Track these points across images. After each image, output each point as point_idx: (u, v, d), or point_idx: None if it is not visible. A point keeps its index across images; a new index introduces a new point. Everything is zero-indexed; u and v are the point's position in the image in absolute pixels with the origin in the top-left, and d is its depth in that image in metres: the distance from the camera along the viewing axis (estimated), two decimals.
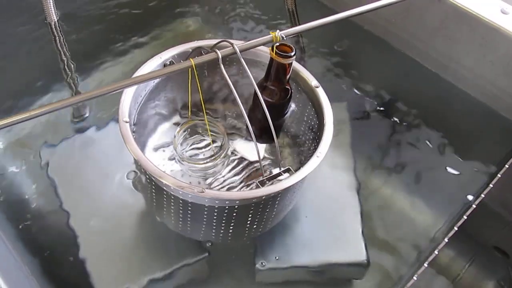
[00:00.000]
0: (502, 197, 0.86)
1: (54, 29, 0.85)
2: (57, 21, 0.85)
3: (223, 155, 0.62)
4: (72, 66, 0.84)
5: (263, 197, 0.52)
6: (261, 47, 0.60)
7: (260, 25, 0.93)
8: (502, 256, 0.90)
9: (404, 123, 0.82)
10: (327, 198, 0.71)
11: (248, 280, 0.64)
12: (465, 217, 0.65)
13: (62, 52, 0.85)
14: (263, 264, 0.63)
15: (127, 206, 0.67)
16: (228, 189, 0.64)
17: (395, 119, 0.82)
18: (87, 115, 0.76)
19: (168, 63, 0.61)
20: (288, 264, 0.64)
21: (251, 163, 0.67)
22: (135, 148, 0.52)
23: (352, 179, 0.73)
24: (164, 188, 0.53)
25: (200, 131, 0.67)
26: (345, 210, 0.70)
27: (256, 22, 0.94)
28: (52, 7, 0.83)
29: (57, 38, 0.85)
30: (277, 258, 0.64)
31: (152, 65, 0.60)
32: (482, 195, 0.68)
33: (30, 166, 0.70)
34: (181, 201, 0.54)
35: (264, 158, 0.67)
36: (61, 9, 0.87)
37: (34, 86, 0.80)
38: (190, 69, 0.50)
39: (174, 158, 0.66)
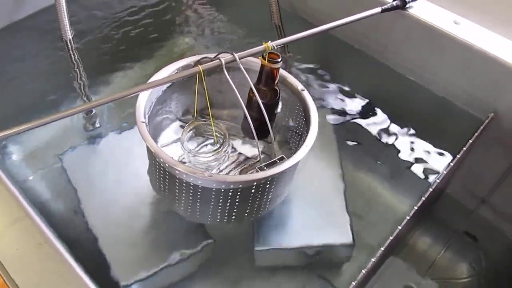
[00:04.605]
0: (466, 186, 0.94)
1: (69, 46, 0.90)
2: (72, 38, 0.90)
3: (224, 149, 0.69)
4: (85, 80, 0.89)
5: (262, 180, 0.59)
6: (252, 59, 0.68)
7: (248, 44, 1.01)
8: (472, 240, 0.98)
9: (380, 120, 0.89)
10: (316, 188, 0.78)
11: (249, 264, 0.70)
12: (423, 198, 0.70)
13: (76, 67, 0.90)
14: (262, 248, 0.69)
15: (140, 201, 0.72)
16: None
17: (373, 117, 0.90)
18: (98, 125, 0.83)
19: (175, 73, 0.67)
20: (284, 246, 0.70)
21: (247, 158, 0.74)
22: (152, 143, 0.59)
23: (338, 171, 0.80)
24: (177, 176, 0.60)
25: (204, 130, 0.74)
26: (333, 197, 0.77)
27: (245, 40, 1.03)
28: (67, 26, 0.88)
29: (71, 54, 0.90)
30: (273, 241, 0.70)
31: (161, 76, 0.66)
32: (437, 180, 0.75)
33: (49, 171, 0.76)
34: (191, 187, 0.60)
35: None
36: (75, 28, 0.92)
37: (49, 100, 0.86)
38: (197, 74, 0.59)
39: (180, 158, 0.72)
